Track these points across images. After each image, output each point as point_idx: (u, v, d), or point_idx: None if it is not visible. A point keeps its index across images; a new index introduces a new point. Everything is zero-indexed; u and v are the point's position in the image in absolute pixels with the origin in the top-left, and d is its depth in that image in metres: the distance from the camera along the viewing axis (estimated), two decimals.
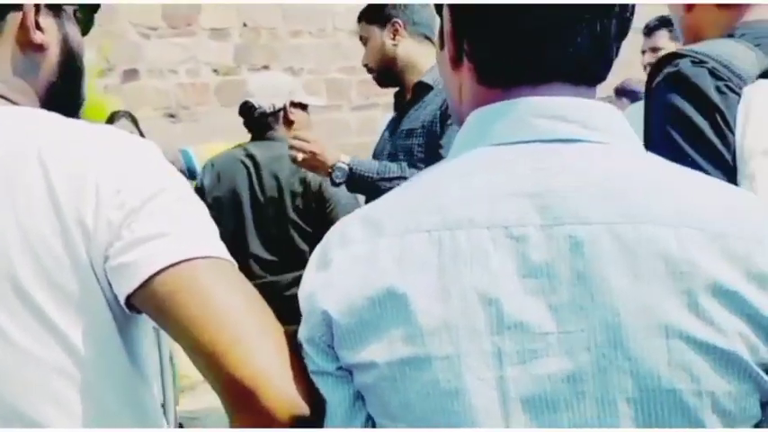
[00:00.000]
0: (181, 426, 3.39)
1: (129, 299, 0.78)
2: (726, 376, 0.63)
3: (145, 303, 0.78)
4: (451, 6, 0.72)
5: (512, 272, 0.65)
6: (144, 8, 5.68)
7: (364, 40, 2.55)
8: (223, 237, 0.83)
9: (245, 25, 6.04)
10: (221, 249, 0.80)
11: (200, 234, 0.80)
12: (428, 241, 0.66)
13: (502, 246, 0.65)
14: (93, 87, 5.30)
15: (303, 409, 0.71)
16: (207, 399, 4.32)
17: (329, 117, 5.70)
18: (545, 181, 0.67)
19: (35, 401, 0.79)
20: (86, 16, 0.96)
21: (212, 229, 0.82)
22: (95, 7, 0.97)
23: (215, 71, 5.95)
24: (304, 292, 0.72)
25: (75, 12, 0.93)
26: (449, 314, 0.64)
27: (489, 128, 0.70)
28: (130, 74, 5.71)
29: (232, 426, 0.75)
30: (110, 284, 0.79)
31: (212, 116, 5.80)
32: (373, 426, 0.70)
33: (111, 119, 4.15)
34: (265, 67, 5.99)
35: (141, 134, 4.13)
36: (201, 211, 0.83)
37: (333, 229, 0.73)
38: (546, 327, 0.64)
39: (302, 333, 0.72)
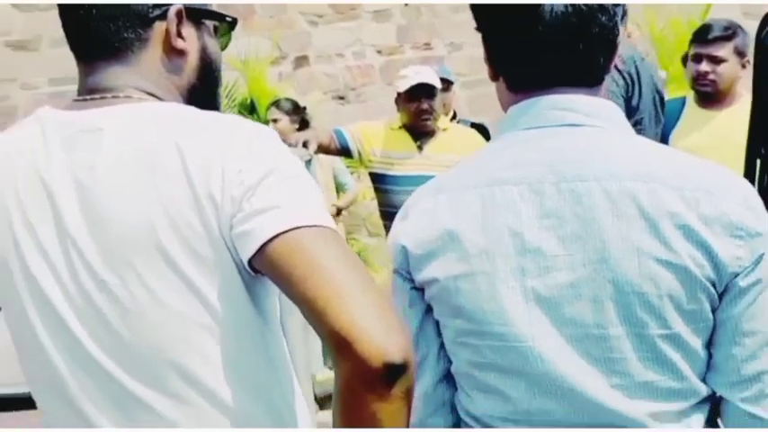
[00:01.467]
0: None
1: (250, 261, 0.91)
2: (680, 284, 0.91)
3: (262, 265, 0.90)
4: (484, 38, 1.01)
5: (532, 215, 0.95)
6: None
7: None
8: None
9: (405, 5, 6.15)
10: (325, 218, 0.91)
11: (306, 206, 0.91)
12: (474, 195, 0.97)
13: (525, 197, 0.95)
14: (267, 76, 5.63)
15: (395, 357, 0.81)
16: None
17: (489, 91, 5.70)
18: (557, 153, 0.96)
19: (183, 352, 0.94)
20: (225, 33, 1.11)
21: (318, 202, 0.94)
22: (233, 25, 1.12)
23: (379, 52, 6.12)
24: (390, 238, 1.04)
25: (215, 28, 1.09)
26: (487, 243, 0.95)
27: (518, 119, 1.00)
28: (301, 60, 6.01)
29: (335, 370, 0.85)
30: (236, 250, 0.92)
31: (378, 96, 5.98)
32: (437, 325, 1.00)
33: (276, 105, 4.37)
34: (426, 45, 6.08)
35: (303, 118, 4.31)
36: (309, 186, 0.95)
37: (412, 194, 1.04)
38: (555, 251, 0.94)
39: (391, 266, 1.00)
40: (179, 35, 1.02)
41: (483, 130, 3.74)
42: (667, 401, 0.94)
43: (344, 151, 3.25)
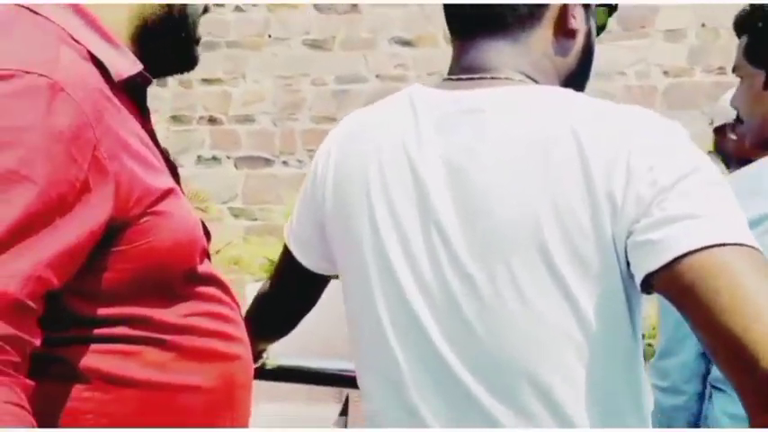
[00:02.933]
0: None
1: (648, 277, 0.78)
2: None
3: (667, 283, 0.77)
4: None
5: None
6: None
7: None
8: None
9: (702, 25, 5.71)
10: (750, 237, 0.78)
11: (731, 219, 0.78)
12: None
13: None
14: None
15: None
16: None
17: None
18: None
19: (543, 365, 0.82)
20: (604, 17, 1.05)
21: (741, 216, 0.80)
22: (613, 9, 1.05)
23: (665, 73, 5.75)
24: None
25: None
26: None
27: None
28: None
29: (756, 425, 0.72)
30: (627, 261, 0.81)
31: None
32: None
33: None
34: (720, 69, 5.60)
35: None
36: (731, 196, 0.81)
37: None
38: None
39: None
40: (572, 14, 0.96)
41: None
42: None
43: None
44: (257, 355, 1.36)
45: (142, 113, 1.05)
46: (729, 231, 0.76)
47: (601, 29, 1.03)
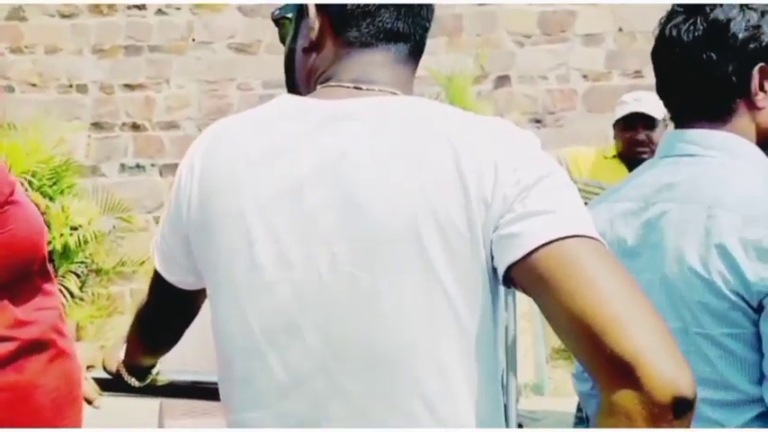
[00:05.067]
0: (520, 426, 3.44)
1: (509, 268, 0.83)
2: (714, 295, 1.08)
3: (526, 273, 0.82)
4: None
5: (635, 224, 1.19)
6: (520, 16, 5.87)
7: None
8: None
9: (620, 30, 5.91)
10: (596, 232, 0.84)
11: (581, 215, 0.85)
12: (616, 207, 1.21)
13: (631, 211, 1.20)
14: (468, 93, 5.62)
15: (687, 392, 0.73)
16: (547, 401, 4.33)
17: None
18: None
19: (418, 359, 0.85)
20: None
21: (587, 213, 0.87)
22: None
23: (584, 77, 5.92)
24: None
25: None
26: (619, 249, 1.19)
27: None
28: (502, 80, 5.95)
29: (604, 403, 0.76)
30: (491, 255, 0.85)
31: (577, 122, 5.78)
32: None
33: None
34: (637, 73, 5.80)
35: None
36: (577, 196, 0.88)
37: None
38: (637, 252, 1.21)
39: None
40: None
41: None
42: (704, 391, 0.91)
43: None
44: (145, 372, 1.36)
45: None
46: (580, 225, 0.82)
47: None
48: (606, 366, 0.75)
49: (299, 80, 1.04)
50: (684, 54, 1.16)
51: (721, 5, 1.15)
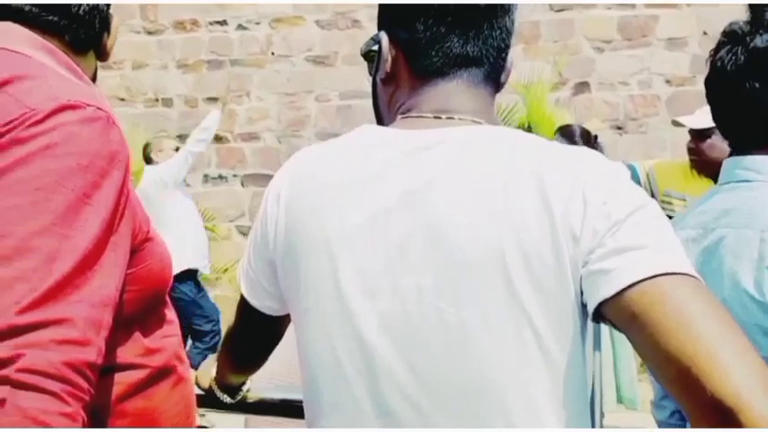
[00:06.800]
0: None
1: (601, 305, 0.81)
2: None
3: (618, 311, 0.80)
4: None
5: (695, 251, 1.23)
6: (599, 22, 5.76)
7: None
8: None
9: (704, 33, 5.73)
10: (691, 267, 0.82)
11: (675, 251, 0.82)
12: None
13: (695, 238, 1.25)
14: (546, 101, 5.55)
15: None
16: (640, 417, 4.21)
17: None
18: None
19: (506, 391, 0.84)
20: None
21: (681, 248, 0.84)
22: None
23: (668, 82, 5.77)
24: None
25: None
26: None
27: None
28: (581, 86, 5.84)
29: None
30: (581, 290, 0.84)
31: (660, 128, 5.63)
32: None
33: (563, 131, 4.13)
34: None
35: (591, 145, 4.07)
36: (670, 229, 0.86)
37: None
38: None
39: None
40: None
41: None
42: None
43: None
44: (236, 389, 1.40)
45: None
46: (674, 262, 0.80)
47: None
48: (704, 409, 0.73)
49: (382, 112, 1.05)
50: (730, 84, 1.17)
51: (761, 34, 1.16)
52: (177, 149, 4.74)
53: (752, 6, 1.20)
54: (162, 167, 4.60)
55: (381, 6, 1.02)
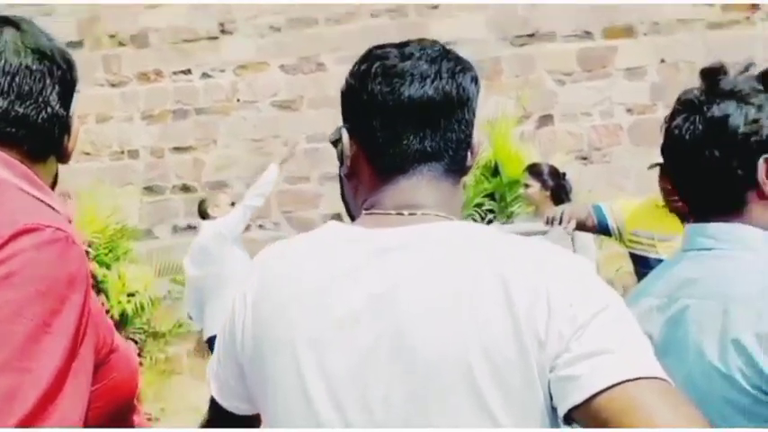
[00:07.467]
0: None
1: (570, 410, 0.81)
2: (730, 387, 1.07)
3: (588, 417, 0.80)
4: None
5: (660, 320, 1.20)
6: (559, 55, 5.87)
7: None
8: None
9: (662, 61, 5.86)
10: (659, 368, 0.82)
11: (641, 353, 0.83)
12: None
13: (657, 307, 1.21)
14: (510, 136, 5.60)
15: None
16: None
17: None
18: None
19: None
20: None
21: (648, 347, 0.84)
22: None
23: (629, 111, 5.87)
24: None
25: None
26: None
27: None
28: (545, 119, 5.92)
29: None
30: (550, 395, 0.83)
31: (624, 157, 5.71)
32: None
33: (531, 170, 4.13)
34: None
35: (559, 184, 4.01)
36: (637, 328, 0.86)
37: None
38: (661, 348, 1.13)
39: None
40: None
41: None
42: None
43: (602, 230, 3.01)
44: None
45: None
46: (640, 366, 0.81)
47: None
48: None
49: (350, 204, 1.06)
50: (689, 153, 1.17)
51: (718, 102, 1.15)
52: (233, 204, 4.77)
53: (704, 73, 1.19)
54: (220, 222, 4.63)
55: (342, 99, 1.02)
